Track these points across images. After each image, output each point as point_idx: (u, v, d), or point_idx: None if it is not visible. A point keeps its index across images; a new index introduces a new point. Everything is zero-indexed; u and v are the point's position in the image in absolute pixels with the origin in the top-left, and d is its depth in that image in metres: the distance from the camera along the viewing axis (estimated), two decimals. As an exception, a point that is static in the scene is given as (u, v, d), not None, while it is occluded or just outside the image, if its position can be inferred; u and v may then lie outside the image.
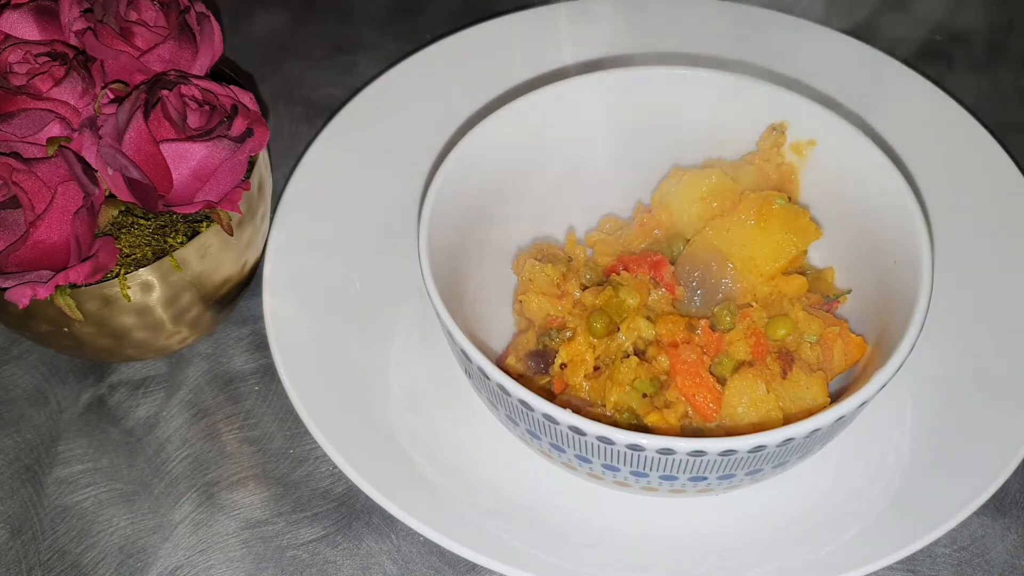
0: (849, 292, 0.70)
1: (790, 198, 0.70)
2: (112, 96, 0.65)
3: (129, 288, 0.64)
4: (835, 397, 0.65)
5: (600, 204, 0.78)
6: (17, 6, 0.67)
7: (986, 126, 0.82)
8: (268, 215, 0.74)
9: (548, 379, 0.68)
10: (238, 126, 0.65)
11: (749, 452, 0.56)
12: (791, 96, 0.72)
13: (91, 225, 0.62)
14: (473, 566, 0.65)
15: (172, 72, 0.66)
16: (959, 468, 0.65)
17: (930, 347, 0.69)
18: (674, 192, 0.72)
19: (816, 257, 0.73)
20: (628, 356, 0.64)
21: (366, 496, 0.65)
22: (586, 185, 0.77)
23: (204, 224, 0.67)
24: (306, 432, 0.70)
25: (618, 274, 0.68)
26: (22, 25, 0.67)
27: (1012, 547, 0.66)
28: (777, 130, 0.73)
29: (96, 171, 0.64)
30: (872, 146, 0.69)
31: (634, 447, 0.56)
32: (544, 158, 0.75)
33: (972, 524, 0.66)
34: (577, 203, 0.77)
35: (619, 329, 0.66)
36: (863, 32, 0.91)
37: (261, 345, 0.75)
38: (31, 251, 0.60)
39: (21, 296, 0.59)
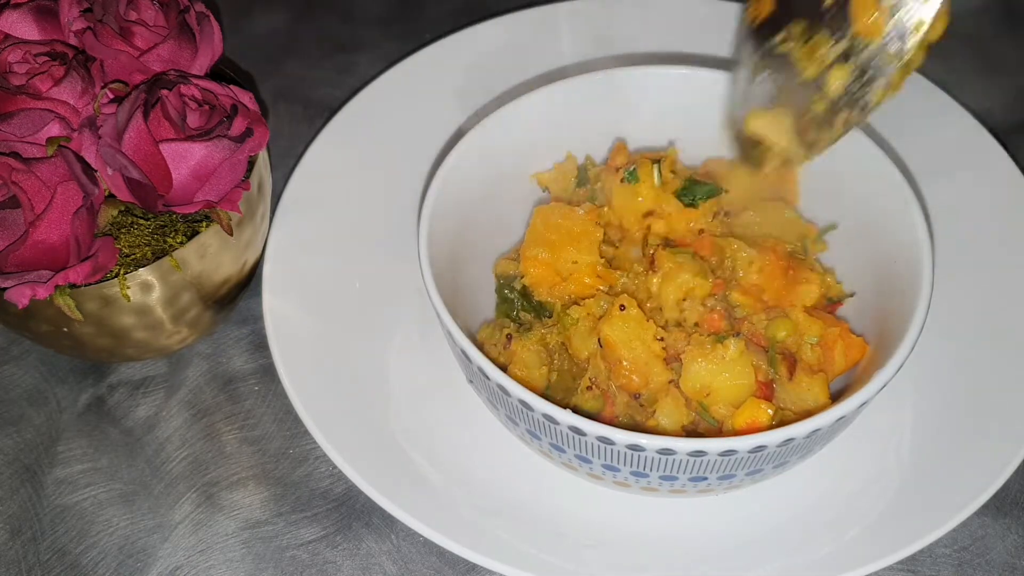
0: (851, 295, 0.70)
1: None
2: (112, 96, 0.65)
3: (129, 288, 0.64)
4: (836, 397, 0.64)
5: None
6: (17, 6, 0.67)
7: (986, 126, 0.82)
8: (268, 215, 0.74)
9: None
10: (238, 126, 0.64)
11: (749, 452, 0.56)
12: (791, 96, 0.72)
13: (91, 225, 0.62)
14: (473, 566, 0.65)
15: (172, 72, 0.66)
16: (959, 468, 0.65)
17: (930, 347, 0.69)
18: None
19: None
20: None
21: (366, 496, 0.65)
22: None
23: (204, 224, 0.67)
24: (306, 432, 0.70)
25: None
26: (22, 25, 0.67)
27: (1013, 547, 0.66)
28: (777, 130, 0.73)
29: (96, 171, 0.64)
30: (872, 146, 0.69)
31: (634, 447, 0.56)
32: (544, 158, 0.75)
33: (972, 524, 0.66)
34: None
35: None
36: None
37: (261, 345, 0.75)
38: (31, 251, 0.60)
39: (21, 296, 0.59)
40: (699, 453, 0.55)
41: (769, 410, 0.61)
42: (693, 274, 0.64)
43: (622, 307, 0.63)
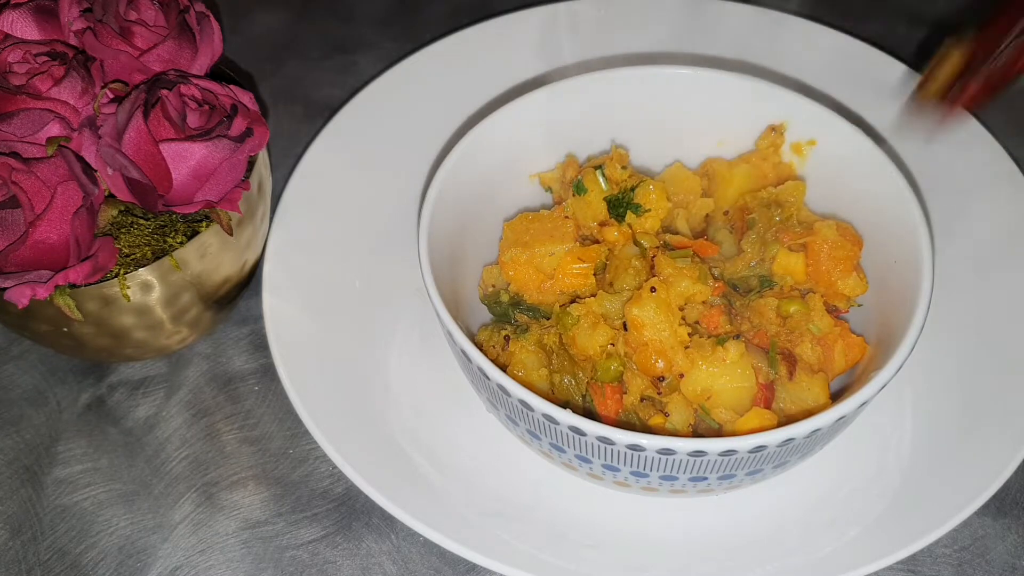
0: (859, 306, 0.69)
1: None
2: (112, 96, 0.65)
3: (129, 288, 0.64)
4: (836, 397, 0.64)
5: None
6: (17, 6, 0.67)
7: (986, 126, 0.82)
8: (268, 215, 0.74)
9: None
10: (238, 126, 0.64)
11: (749, 452, 0.56)
12: (791, 96, 0.72)
13: (91, 225, 0.62)
14: (473, 566, 0.65)
15: (172, 72, 0.66)
16: (959, 468, 0.65)
17: (930, 347, 0.69)
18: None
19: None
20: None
21: (366, 496, 0.65)
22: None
23: (204, 224, 0.67)
24: (306, 432, 0.70)
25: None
26: (22, 25, 0.67)
27: (1013, 547, 0.66)
28: (776, 131, 0.73)
29: (96, 171, 0.64)
30: (872, 146, 0.69)
31: (634, 447, 0.56)
32: (544, 158, 0.75)
33: (972, 524, 0.66)
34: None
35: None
36: (864, 31, 0.91)
37: (261, 345, 0.75)
38: (31, 251, 0.60)
39: (21, 296, 0.59)
40: (699, 453, 0.55)
41: (773, 420, 0.61)
42: (693, 280, 0.64)
43: (653, 289, 0.63)
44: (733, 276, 0.69)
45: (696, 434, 0.63)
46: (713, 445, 0.55)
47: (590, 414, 0.64)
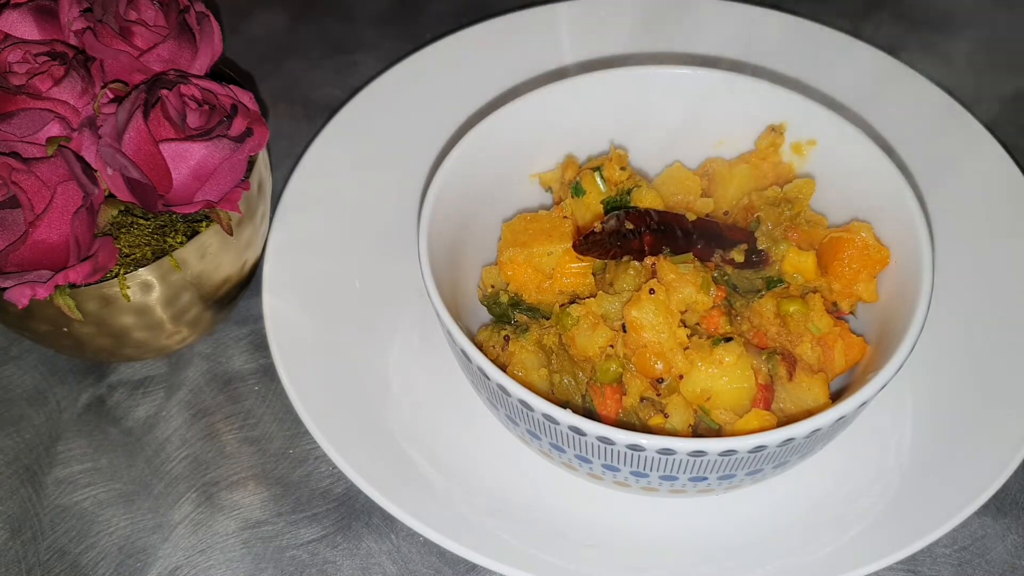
0: (854, 315, 0.69)
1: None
2: (112, 96, 0.65)
3: (129, 288, 0.64)
4: (836, 397, 0.64)
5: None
6: (17, 6, 0.67)
7: (986, 126, 0.82)
8: (268, 215, 0.74)
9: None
10: (238, 126, 0.64)
11: (749, 452, 0.56)
12: (791, 96, 0.72)
13: (91, 225, 0.62)
14: (473, 566, 0.65)
15: (172, 72, 0.66)
16: (959, 468, 0.65)
17: (930, 347, 0.69)
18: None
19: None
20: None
21: (366, 496, 0.65)
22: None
23: (204, 224, 0.67)
24: (306, 432, 0.70)
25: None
26: (22, 25, 0.67)
27: (1013, 547, 0.66)
28: (776, 131, 0.73)
29: (96, 171, 0.64)
30: (872, 146, 0.69)
31: (634, 447, 0.56)
32: (544, 158, 0.75)
33: (972, 524, 0.66)
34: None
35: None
36: (863, 31, 0.91)
37: (261, 345, 0.75)
38: (31, 251, 0.60)
39: (21, 296, 0.59)
40: (699, 453, 0.55)
41: (773, 421, 0.61)
42: (696, 288, 0.64)
43: (652, 291, 0.63)
44: (736, 279, 0.69)
45: (696, 435, 0.63)
46: (713, 445, 0.55)
47: (590, 414, 0.64)
